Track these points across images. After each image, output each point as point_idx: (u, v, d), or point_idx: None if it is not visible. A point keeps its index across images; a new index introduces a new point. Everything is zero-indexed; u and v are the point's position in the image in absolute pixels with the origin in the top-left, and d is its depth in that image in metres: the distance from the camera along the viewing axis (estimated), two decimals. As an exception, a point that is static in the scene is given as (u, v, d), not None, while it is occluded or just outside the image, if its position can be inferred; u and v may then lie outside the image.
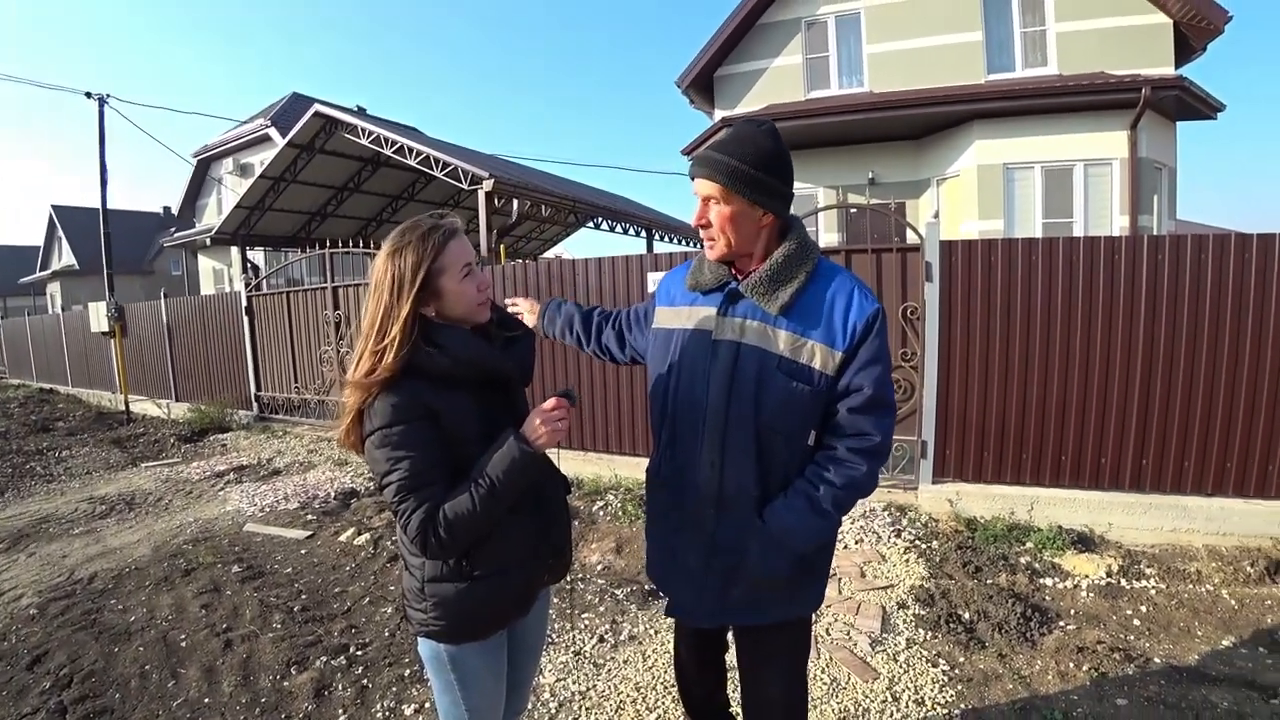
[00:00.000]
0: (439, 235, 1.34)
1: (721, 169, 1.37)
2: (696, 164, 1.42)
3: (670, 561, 1.58)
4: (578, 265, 5.65)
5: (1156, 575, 3.57)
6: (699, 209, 1.45)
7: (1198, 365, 3.97)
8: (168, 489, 6.02)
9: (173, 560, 4.25)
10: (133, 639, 3.25)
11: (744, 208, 1.40)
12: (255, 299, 8.43)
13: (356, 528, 4.63)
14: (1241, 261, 3.87)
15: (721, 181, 1.38)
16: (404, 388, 1.29)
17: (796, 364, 1.41)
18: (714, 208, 1.42)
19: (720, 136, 1.45)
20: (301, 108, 18.39)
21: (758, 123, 1.44)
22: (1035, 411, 4.27)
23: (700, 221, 1.45)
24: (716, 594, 1.50)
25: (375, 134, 8.93)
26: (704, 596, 1.51)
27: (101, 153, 11.13)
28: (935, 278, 4.40)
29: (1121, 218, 8.39)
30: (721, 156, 1.38)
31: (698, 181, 1.43)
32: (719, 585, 1.49)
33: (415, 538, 1.26)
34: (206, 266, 21.10)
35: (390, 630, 3.23)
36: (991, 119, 8.68)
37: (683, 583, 1.54)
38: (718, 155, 1.39)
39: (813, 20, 10.24)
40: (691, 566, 1.52)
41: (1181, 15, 8.46)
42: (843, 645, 2.96)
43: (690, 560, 1.52)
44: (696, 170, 1.42)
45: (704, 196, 1.43)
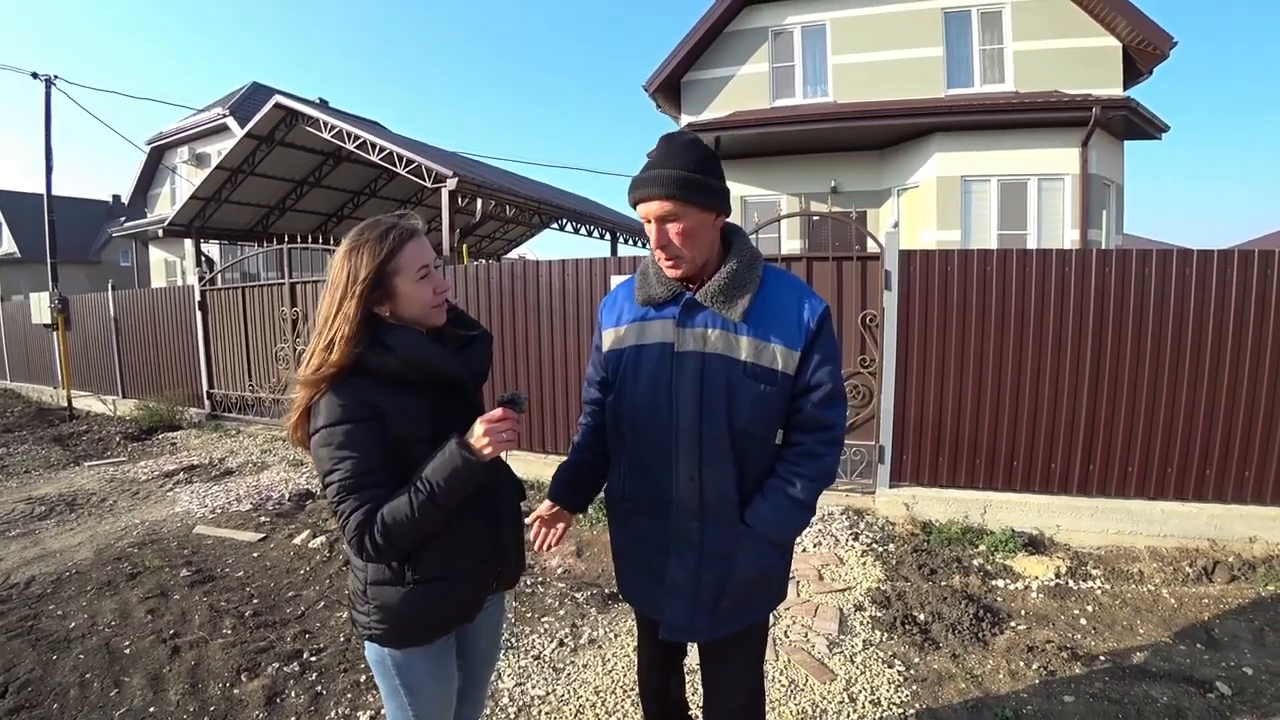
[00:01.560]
0: (396, 235, 1.33)
1: (673, 183, 1.35)
2: (645, 186, 1.38)
3: (656, 584, 1.55)
4: (541, 266, 5.62)
5: (1102, 576, 3.71)
6: (655, 233, 1.40)
7: (1141, 373, 4.14)
8: (112, 489, 5.79)
9: (117, 564, 4.09)
10: (72, 646, 3.11)
11: (699, 216, 1.39)
12: (209, 293, 8.16)
13: (311, 530, 4.52)
14: (1182, 276, 4.05)
15: (676, 195, 1.35)
16: (351, 387, 1.27)
17: (761, 367, 1.43)
18: (671, 227, 1.39)
19: (652, 159, 1.41)
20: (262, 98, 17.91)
21: (679, 134, 1.46)
22: (989, 418, 4.39)
23: (660, 243, 1.41)
24: (709, 606, 1.50)
25: (337, 128, 8.73)
26: (698, 612, 1.50)
27: (47, 136, 10.65)
28: (894, 286, 4.50)
29: (1073, 231, 8.71)
30: (668, 172, 1.36)
31: (650, 204, 1.38)
32: (711, 597, 1.49)
33: (352, 539, 1.25)
34: (158, 258, 20.36)
35: (345, 635, 3.16)
36: (951, 132, 8.93)
37: (674, 603, 1.51)
38: (664, 172, 1.36)
39: (779, 30, 10.38)
40: (681, 584, 1.50)
41: (1130, 39, 8.84)
42: (800, 647, 3.00)
43: (680, 578, 1.50)
44: (646, 192, 1.38)
45: (658, 218, 1.38)
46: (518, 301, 5.71)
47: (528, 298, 5.67)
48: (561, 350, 5.56)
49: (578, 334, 5.48)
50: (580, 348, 5.47)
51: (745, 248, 1.50)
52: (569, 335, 5.51)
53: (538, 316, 5.63)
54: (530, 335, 5.65)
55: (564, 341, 5.54)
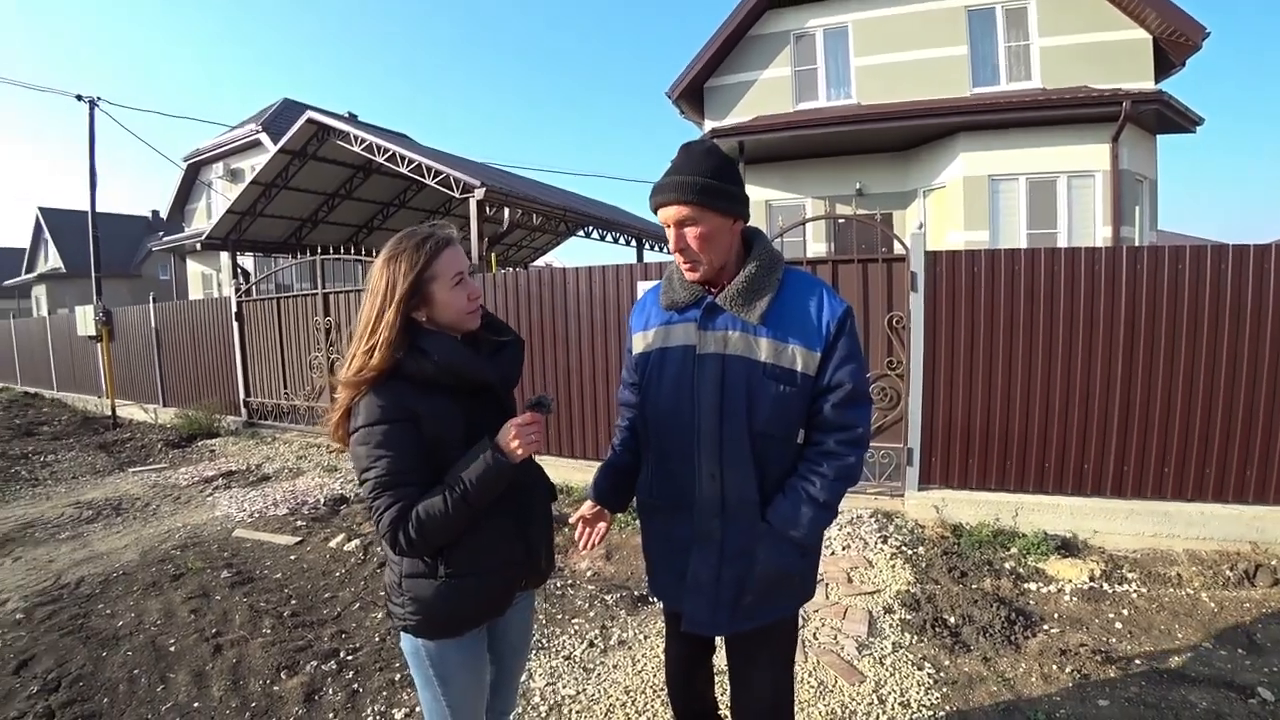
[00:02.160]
0: (433, 244, 1.40)
1: (691, 189, 1.40)
2: (664, 192, 1.44)
3: (679, 580, 1.59)
4: (568, 274, 5.69)
5: (1138, 579, 3.64)
6: (674, 236, 1.46)
7: (1176, 373, 4.06)
8: (155, 494, 5.98)
9: (161, 565, 4.23)
10: (121, 644, 3.24)
11: (717, 221, 1.45)
12: (245, 304, 8.40)
13: (346, 534, 4.62)
14: (1217, 272, 3.97)
15: (694, 200, 1.40)
16: (389, 389, 1.34)
17: (781, 368, 1.47)
18: (689, 231, 1.44)
19: (673, 164, 1.47)
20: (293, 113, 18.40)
21: (698, 141, 1.50)
22: (1019, 419, 4.34)
23: (678, 247, 1.47)
24: (730, 604, 1.53)
25: (367, 141, 8.94)
26: (718, 608, 1.53)
27: (91, 156, 11.06)
28: (920, 288, 4.47)
29: (1104, 229, 8.53)
30: (685, 178, 1.41)
31: (669, 209, 1.44)
32: (732, 595, 1.52)
33: (385, 533, 1.32)
34: (195, 271, 20.98)
35: (380, 635, 3.24)
36: (977, 131, 8.82)
37: (696, 598, 1.55)
38: (682, 178, 1.41)
39: (801, 33, 10.37)
40: (704, 580, 1.54)
41: (1160, 31, 8.65)
42: (829, 649, 2.99)
43: (702, 574, 1.54)
44: (665, 198, 1.43)
45: (677, 222, 1.44)
46: (545, 308, 5.78)
47: (555, 304, 5.74)
48: (589, 356, 5.61)
49: (605, 340, 5.53)
50: (607, 354, 5.52)
51: (765, 251, 1.54)
52: (596, 341, 5.57)
53: (565, 323, 5.70)
54: (558, 342, 5.72)
55: (591, 348, 5.60)
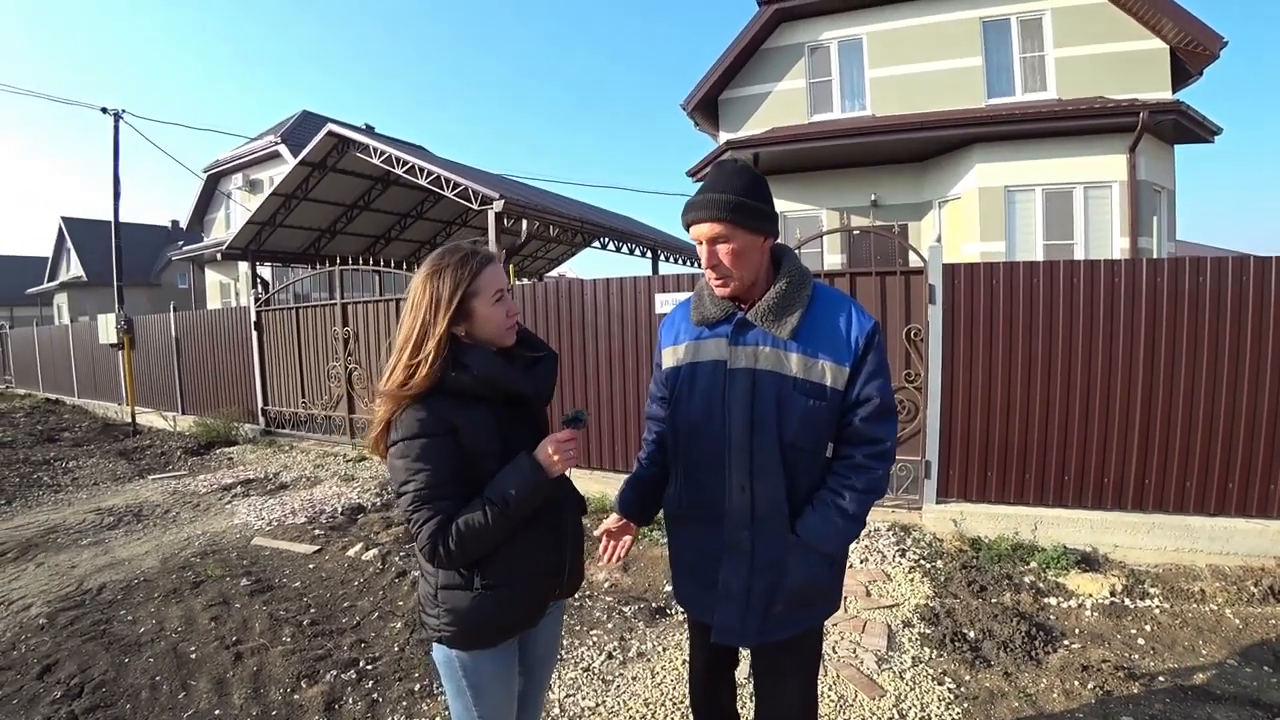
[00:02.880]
0: (476, 261, 1.43)
1: (723, 207, 1.43)
2: (697, 209, 1.46)
3: (708, 589, 1.59)
4: (586, 286, 5.73)
5: (1160, 595, 3.59)
6: (706, 253, 1.48)
7: (1198, 385, 4.02)
8: (175, 501, 6.05)
9: (181, 572, 4.28)
10: (143, 650, 3.28)
11: (748, 238, 1.47)
12: (264, 314, 8.51)
13: (364, 543, 4.66)
14: (1239, 283, 3.94)
15: (726, 218, 1.43)
16: (429, 403, 1.36)
17: (811, 382, 1.49)
18: (721, 248, 1.47)
19: (706, 182, 1.50)
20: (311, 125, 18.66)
21: (730, 160, 1.54)
22: (1038, 432, 4.31)
23: (711, 263, 1.49)
24: (760, 613, 1.54)
25: (386, 154, 9.05)
26: (748, 618, 1.54)
27: (115, 167, 11.29)
28: (938, 300, 4.46)
29: (1122, 239, 8.47)
30: (718, 195, 1.44)
31: (702, 226, 1.46)
32: (762, 604, 1.53)
33: (424, 546, 1.34)
34: (214, 280, 21.27)
35: (400, 645, 3.26)
36: (992, 142, 8.79)
37: (726, 607, 1.56)
38: (715, 196, 1.44)
39: (816, 45, 10.42)
40: (734, 590, 1.55)
41: (1177, 40, 8.62)
42: (849, 663, 2.98)
43: (733, 584, 1.55)
44: (698, 215, 1.46)
45: (709, 239, 1.47)
46: (563, 320, 5.82)
47: (573, 316, 5.77)
48: (606, 368, 5.64)
49: (622, 352, 5.55)
50: (625, 365, 5.54)
51: (794, 268, 1.56)
52: (614, 353, 5.59)
53: (582, 334, 5.73)
54: (575, 353, 5.75)
55: (608, 359, 5.62)
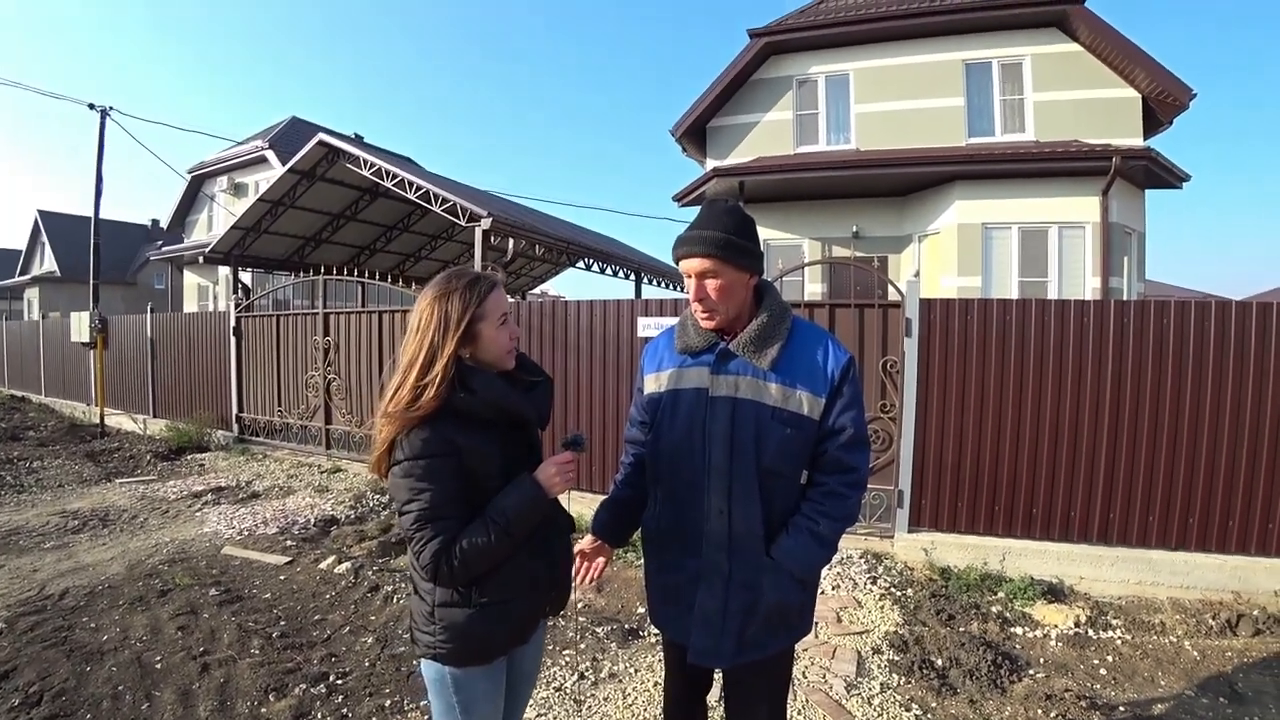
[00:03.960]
0: (484, 285, 1.48)
1: (715, 244, 1.51)
2: (689, 244, 1.54)
3: (685, 611, 1.64)
4: (570, 306, 5.78)
5: (1123, 626, 3.69)
6: (694, 286, 1.56)
7: (1161, 424, 4.15)
8: (143, 506, 5.94)
9: (148, 580, 4.20)
10: (105, 659, 3.21)
11: (735, 275, 1.56)
12: (244, 319, 8.43)
13: (337, 556, 4.61)
14: (1201, 327, 4.10)
15: (717, 255, 1.51)
16: (434, 424, 1.39)
17: (788, 411, 1.56)
18: (709, 282, 1.55)
19: (697, 219, 1.58)
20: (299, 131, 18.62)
21: (722, 200, 1.63)
22: (1008, 465, 4.42)
23: (698, 296, 1.56)
24: (736, 634, 1.58)
25: (376, 166, 9.06)
26: (724, 639, 1.59)
27: (99, 164, 11.17)
28: (914, 333, 4.58)
29: (1094, 279, 8.74)
30: (710, 233, 1.52)
31: (692, 261, 1.54)
32: (737, 626, 1.58)
33: (428, 565, 1.36)
34: (191, 282, 21.00)
35: (371, 660, 3.23)
36: (972, 180, 9.06)
37: (704, 629, 1.60)
38: (706, 233, 1.53)
39: (804, 79, 10.68)
40: (710, 612, 1.59)
41: (1149, 90, 8.98)
42: (819, 688, 3.01)
43: (709, 606, 1.59)
44: (690, 250, 1.54)
45: (698, 273, 1.54)
46: (546, 340, 5.85)
47: (555, 336, 5.81)
48: (588, 389, 5.67)
49: (604, 373, 5.59)
50: (606, 387, 5.58)
51: (776, 303, 1.64)
52: (595, 374, 5.63)
53: (565, 355, 5.76)
54: (557, 373, 5.76)
55: (590, 380, 5.66)
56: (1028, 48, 9.56)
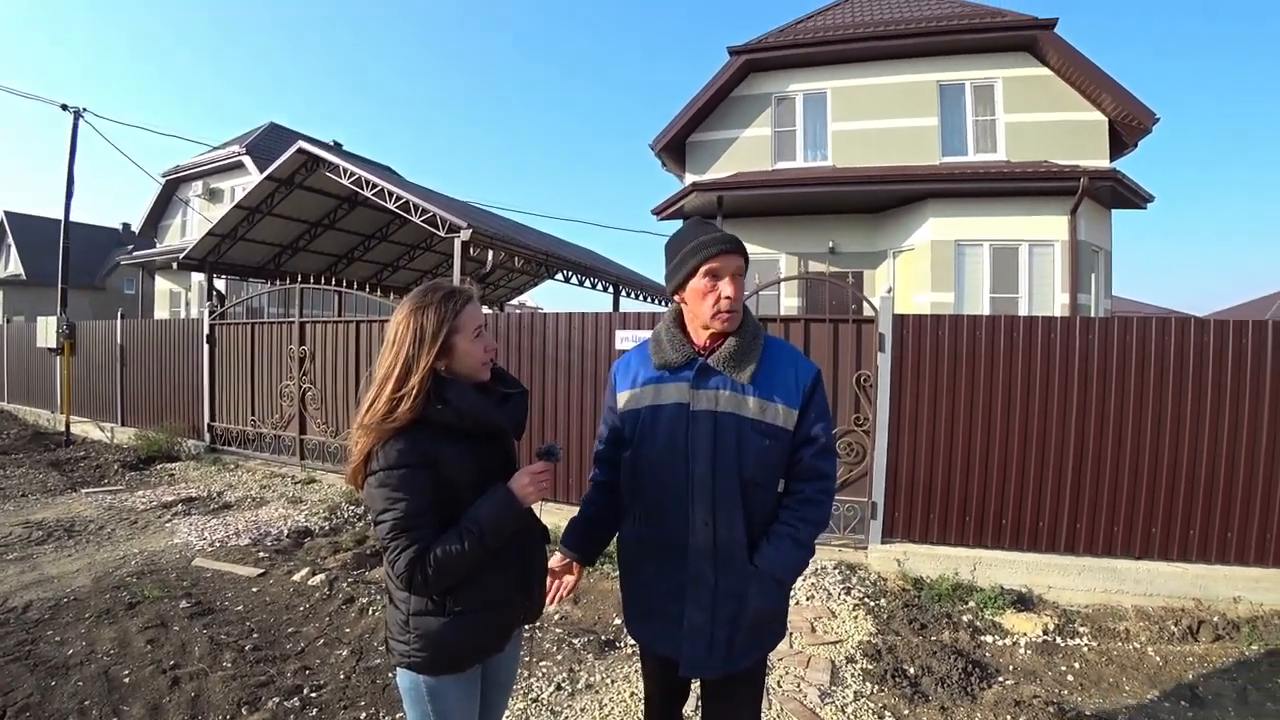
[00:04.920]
0: (459, 299, 1.51)
1: (743, 248, 1.62)
2: (729, 243, 1.60)
3: (672, 625, 1.65)
4: (549, 319, 5.80)
5: (1089, 634, 3.78)
6: (733, 287, 1.59)
7: (1125, 436, 4.29)
8: (110, 517, 5.81)
9: (116, 592, 4.12)
10: (71, 673, 3.14)
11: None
12: (218, 327, 8.31)
13: (311, 567, 4.55)
14: (1162, 343, 4.24)
15: (746, 258, 1.62)
16: (410, 435, 1.41)
17: (766, 423, 1.61)
18: (740, 282, 1.62)
19: (705, 229, 1.66)
20: (277, 137, 18.47)
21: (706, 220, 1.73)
22: (979, 477, 4.52)
23: (736, 295, 1.60)
24: (725, 644, 1.62)
25: (356, 175, 9.02)
26: (714, 649, 1.62)
27: (70, 166, 10.97)
28: (888, 348, 4.68)
29: (1063, 295, 8.98)
30: (734, 236, 1.62)
31: (734, 258, 1.60)
32: (726, 635, 1.61)
33: (403, 574, 1.38)
34: (163, 288, 20.60)
35: (345, 673, 3.20)
36: (945, 198, 9.29)
37: (693, 641, 1.62)
38: (733, 236, 1.62)
39: (782, 96, 10.87)
40: (699, 623, 1.62)
41: (1115, 114, 9.30)
42: (793, 697, 3.05)
43: (698, 618, 1.62)
44: (733, 247, 1.60)
45: (734, 273, 1.60)
46: (524, 353, 5.86)
47: (534, 348, 5.82)
48: (565, 401, 5.68)
49: (580, 386, 5.61)
50: (583, 399, 5.60)
51: (750, 319, 1.70)
52: (573, 386, 5.65)
53: (542, 367, 5.78)
54: (534, 385, 5.77)
55: (568, 392, 5.67)
56: (1000, 70, 9.85)
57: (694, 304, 1.64)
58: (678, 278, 1.65)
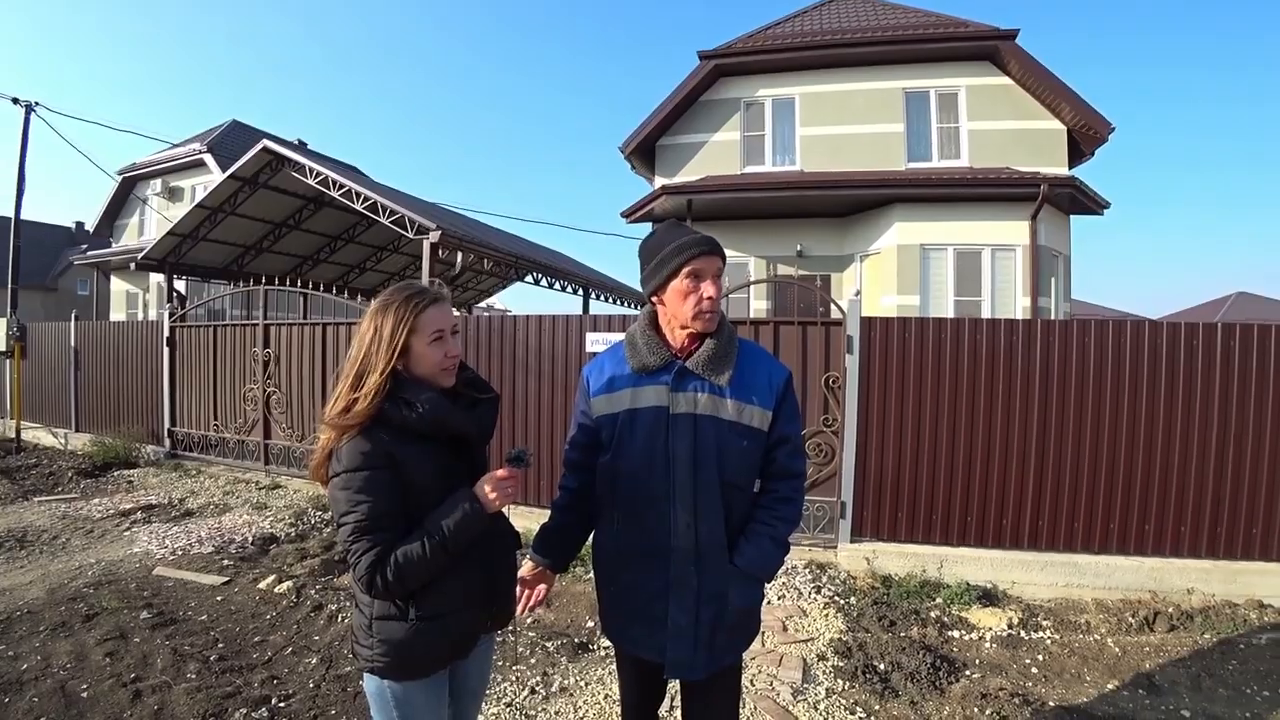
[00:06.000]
0: (422, 300, 1.50)
1: (722, 250, 1.63)
2: (708, 244, 1.60)
3: (655, 628, 1.65)
4: (519, 322, 5.77)
5: (1052, 626, 3.89)
6: (713, 288, 1.60)
7: (1083, 435, 4.42)
8: (65, 526, 5.62)
9: (72, 604, 3.98)
10: (25, 689, 3.03)
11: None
12: (178, 329, 8.09)
13: (277, 575, 4.46)
14: (1118, 345, 4.39)
15: (723, 259, 1.63)
16: (373, 436, 1.41)
17: (743, 425, 1.63)
18: (719, 284, 1.63)
19: (683, 231, 1.66)
20: (239, 136, 18.06)
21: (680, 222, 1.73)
22: (945, 475, 4.62)
23: (717, 296, 1.61)
24: (708, 645, 1.62)
25: (323, 175, 8.85)
26: (698, 650, 1.62)
27: (22, 162, 10.60)
28: (856, 350, 4.76)
29: (1024, 298, 9.23)
30: (713, 238, 1.63)
31: (715, 259, 1.60)
32: (708, 636, 1.62)
33: (363, 577, 1.37)
34: (119, 289, 19.95)
35: (315, 682, 3.14)
36: (911, 203, 9.48)
37: (678, 643, 1.62)
38: (712, 237, 1.63)
39: (752, 101, 10.98)
40: (683, 625, 1.62)
41: (1074, 123, 9.61)
42: (766, 695, 3.08)
43: (681, 620, 1.62)
44: (709, 249, 1.60)
45: (715, 274, 1.61)
46: (494, 355, 5.82)
47: (504, 351, 5.79)
48: (535, 404, 5.65)
49: (551, 388, 5.59)
50: (555, 402, 5.58)
51: (725, 323, 1.71)
52: (543, 389, 5.63)
53: (513, 370, 5.74)
54: (504, 388, 5.73)
55: (538, 395, 5.65)
56: (963, 79, 10.08)
57: (674, 305, 1.63)
58: (658, 279, 1.63)
